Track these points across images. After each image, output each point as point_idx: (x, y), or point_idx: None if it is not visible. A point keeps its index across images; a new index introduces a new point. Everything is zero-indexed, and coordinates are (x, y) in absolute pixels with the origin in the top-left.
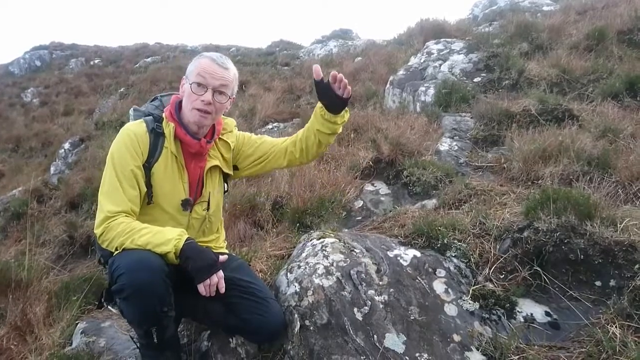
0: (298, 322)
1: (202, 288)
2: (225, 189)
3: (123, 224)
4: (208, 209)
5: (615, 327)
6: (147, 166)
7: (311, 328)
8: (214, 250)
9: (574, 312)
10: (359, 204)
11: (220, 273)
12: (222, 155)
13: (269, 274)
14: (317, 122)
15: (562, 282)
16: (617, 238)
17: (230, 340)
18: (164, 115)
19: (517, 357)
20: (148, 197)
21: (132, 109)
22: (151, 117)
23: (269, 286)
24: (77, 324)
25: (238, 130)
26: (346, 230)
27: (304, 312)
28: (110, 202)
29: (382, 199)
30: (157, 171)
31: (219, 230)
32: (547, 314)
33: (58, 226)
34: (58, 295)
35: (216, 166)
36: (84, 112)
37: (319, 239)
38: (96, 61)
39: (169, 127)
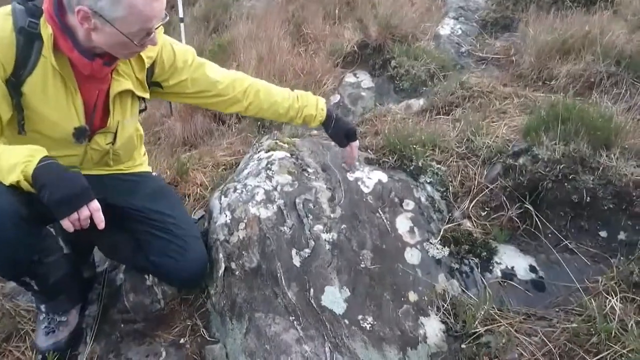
0: (223, 263)
1: (66, 223)
2: (144, 108)
3: None
4: (114, 142)
5: (616, 299)
6: (15, 82)
7: (237, 273)
8: (128, 171)
9: (564, 270)
10: (335, 99)
11: (95, 204)
12: (134, 75)
13: (209, 189)
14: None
15: (558, 228)
16: (638, 177)
17: (147, 277)
18: (44, 7)
19: (484, 329)
20: (19, 126)
21: None
22: (22, 7)
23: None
24: None
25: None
26: (309, 135)
27: (232, 251)
28: None
29: (363, 94)
30: (33, 91)
31: (133, 157)
32: (532, 269)
33: None
34: None
35: (128, 90)
36: None
37: (268, 151)
38: None
39: (47, 31)
